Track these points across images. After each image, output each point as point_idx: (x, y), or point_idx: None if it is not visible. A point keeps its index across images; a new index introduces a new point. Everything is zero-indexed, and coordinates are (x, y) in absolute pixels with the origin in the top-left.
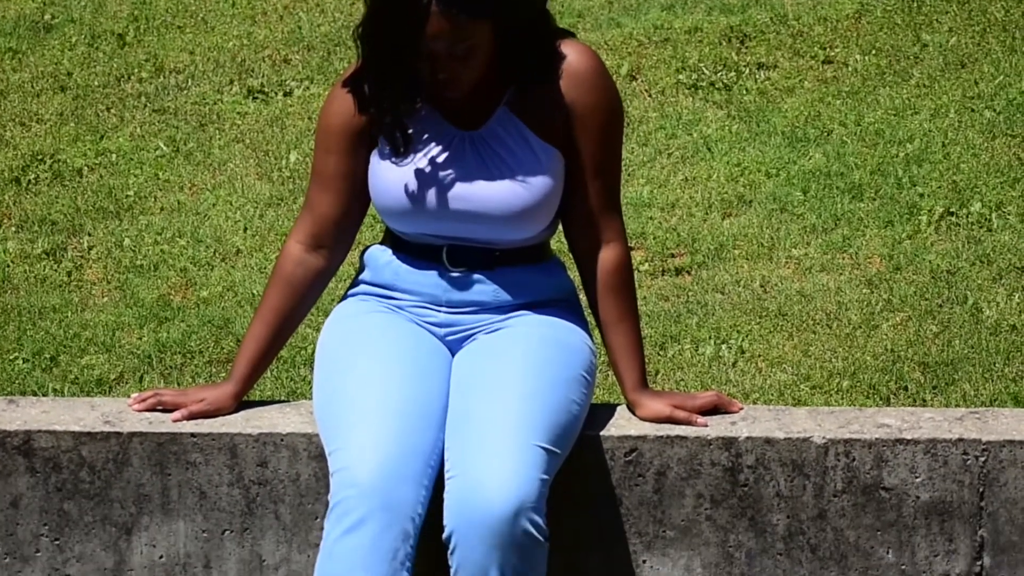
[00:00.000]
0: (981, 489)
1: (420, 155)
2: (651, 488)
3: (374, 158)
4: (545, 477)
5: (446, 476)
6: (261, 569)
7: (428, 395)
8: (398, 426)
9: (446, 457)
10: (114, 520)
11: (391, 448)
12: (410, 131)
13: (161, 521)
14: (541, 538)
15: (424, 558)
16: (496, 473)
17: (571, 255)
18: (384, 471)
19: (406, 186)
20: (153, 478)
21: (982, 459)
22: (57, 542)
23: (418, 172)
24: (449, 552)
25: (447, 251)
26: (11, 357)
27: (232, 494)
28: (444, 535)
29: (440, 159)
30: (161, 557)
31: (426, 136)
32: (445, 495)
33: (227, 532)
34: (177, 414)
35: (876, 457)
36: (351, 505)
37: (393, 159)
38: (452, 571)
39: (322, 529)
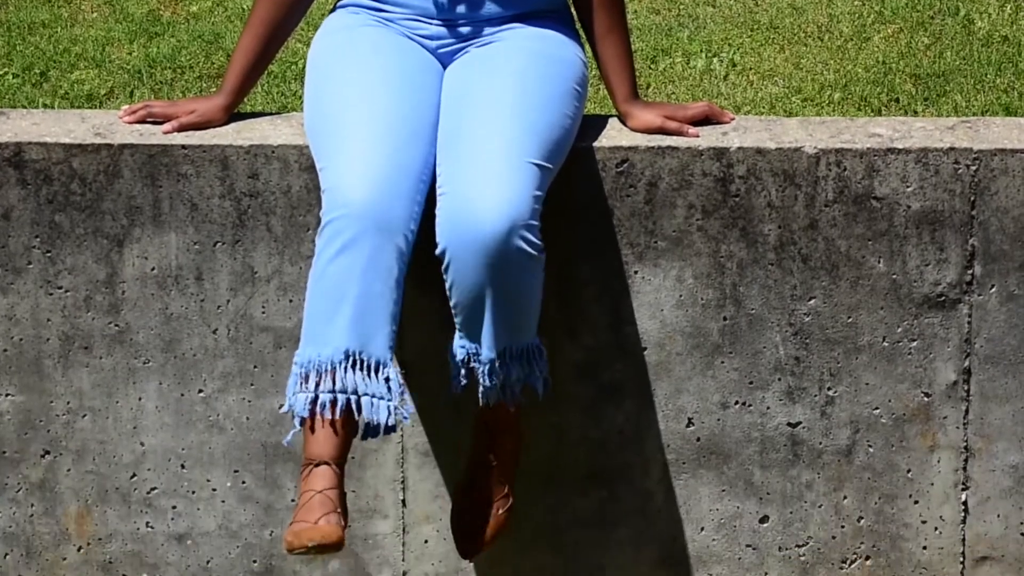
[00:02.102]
0: (972, 198)
1: None
2: (642, 199)
3: None
4: (538, 193)
5: (438, 192)
6: (253, 281)
7: (418, 110)
8: (388, 142)
9: (438, 173)
10: (105, 232)
11: (382, 166)
12: None
13: (152, 233)
14: (536, 252)
15: (417, 269)
16: (489, 192)
17: None
18: (375, 190)
19: None
20: (144, 190)
21: (973, 168)
22: (49, 254)
23: None
24: (443, 267)
25: None
26: (1, 72)
27: (223, 206)
28: (438, 251)
29: None
30: (153, 269)
31: None
32: (437, 211)
33: (219, 244)
34: (167, 126)
35: (867, 167)
36: (343, 225)
37: None
38: (448, 285)
39: (313, 242)
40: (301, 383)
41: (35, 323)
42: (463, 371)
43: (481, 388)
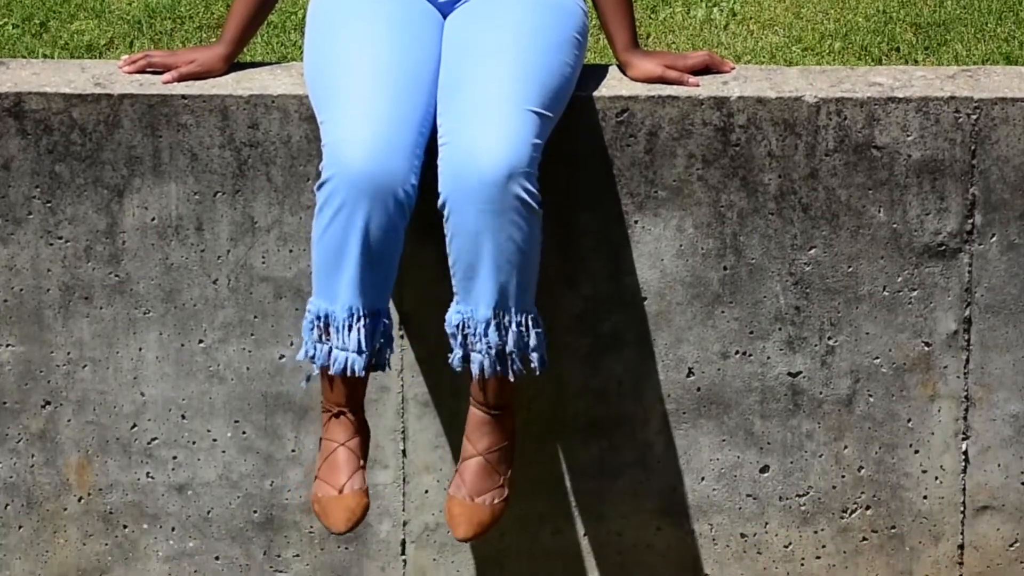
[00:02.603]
0: (973, 147)
1: None
2: (643, 148)
3: None
4: (538, 142)
5: (439, 142)
6: (253, 231)
7: (419, 60)
8: (388, 95)
9: (439, 123)
10: (106, 182)
11: (382, 120)
12: None
13: (153, 183)
14: (534, 203)
15: (418, 220)
16: (489, 139)
17: None
18: (375, 146)
19: None
20: (144, 140)
21: (974, 117)
22: (49, 204)
23: None
24: (444, 219)
25: None
26: (0, 23)
27: (223, 156)
28: (439, 202)
29: None
30: (153, 219)
31: None
32: (439, 161)
33: (219, 194)
34: (167, 76)
35: (868, 116)
36: (342, 184)
37: None
38: (448, 238)
39: (313, 192)
40: (320, 333)
41: (35, 273)
42: (460, 339)
43: (477, 355)
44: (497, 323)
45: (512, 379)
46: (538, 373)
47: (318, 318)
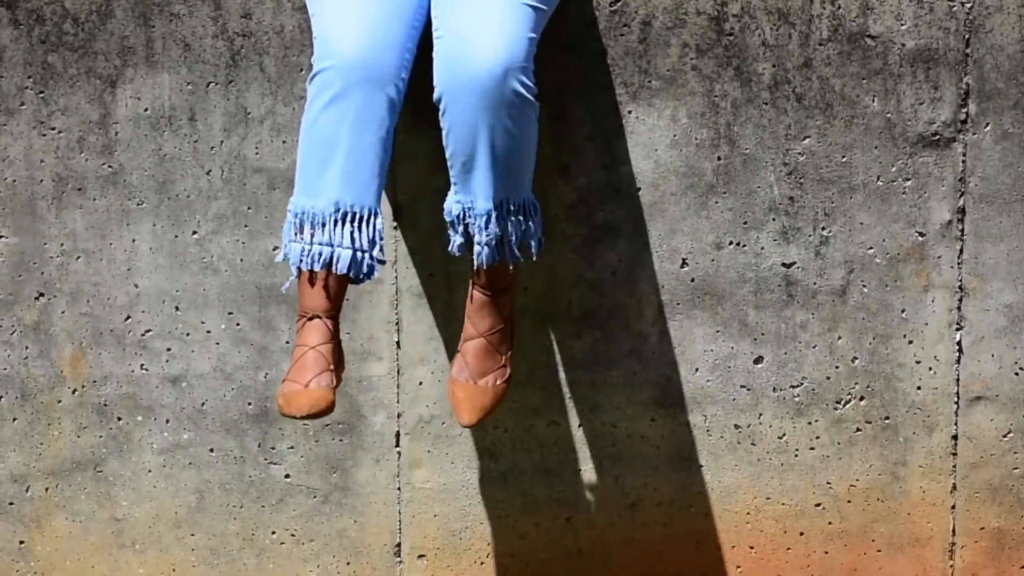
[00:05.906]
0: (967, 36)
1: None
2: (636, 38)
3: None
4: (533, 35)
5: (434, 36)
6: (246, 121)
7: None
8: None
9: (433, 16)
10: (98, 73)
11: (372, 14)
12: None
13: (146, 74)
14: (530, 96)
15: (410, 111)
16: (484, 34)
17: None
18: (365, 39)
19: None
20: (137, 30)
21: (968, 5)
22: (42, 95)
23: None
24: (440, 114)
25: None
26: None
27: (216, 46)
28: (435, 96)
29: None
30: (146, 110)
31: None
32: (434, 55)
33: (212, 84)
34: None
35: (862, 5)
36: (332, 76)
37: None
38: (444, 132)
39: (306, 82)
40: (296, 232)
41: (28, 164)
42: (460, 228)
43: (477, 247)
44: (498, 215)
45: (512, 268)
46: (535, 258)
47: (296, 216)
